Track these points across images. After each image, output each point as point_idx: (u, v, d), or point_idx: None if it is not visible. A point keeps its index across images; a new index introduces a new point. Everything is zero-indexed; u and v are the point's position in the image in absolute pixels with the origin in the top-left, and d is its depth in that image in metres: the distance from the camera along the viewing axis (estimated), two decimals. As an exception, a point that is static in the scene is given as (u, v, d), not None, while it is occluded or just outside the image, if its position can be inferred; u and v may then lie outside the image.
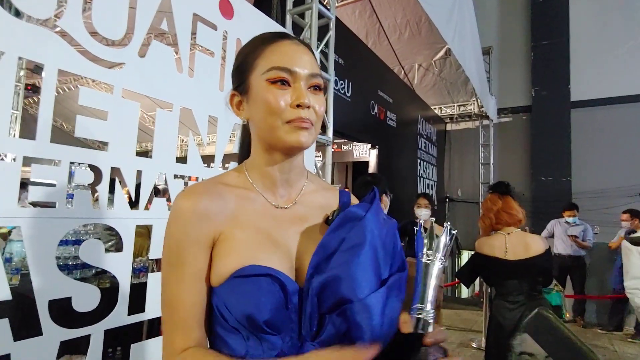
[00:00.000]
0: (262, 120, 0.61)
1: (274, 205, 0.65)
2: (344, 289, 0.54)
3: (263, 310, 0.54)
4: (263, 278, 0.55)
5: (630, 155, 5.62)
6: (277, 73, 0.59)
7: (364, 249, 0.57)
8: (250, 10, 1.90)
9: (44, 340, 1.07)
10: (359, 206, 0.63)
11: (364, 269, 0.55)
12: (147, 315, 1.36)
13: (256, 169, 0.66)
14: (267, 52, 0.61)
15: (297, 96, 0.59)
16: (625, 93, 5.80)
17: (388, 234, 0.62)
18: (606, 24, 6.03)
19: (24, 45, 1.06)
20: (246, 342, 0.55)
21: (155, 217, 1.41)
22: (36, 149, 1.07)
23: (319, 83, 0.62)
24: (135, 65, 1.35)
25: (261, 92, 0.60)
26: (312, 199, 0.69)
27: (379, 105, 4.20)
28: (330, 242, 0.58)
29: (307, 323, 0.56)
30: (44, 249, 1.09)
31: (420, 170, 5.56)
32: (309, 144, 0.60)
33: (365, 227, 0.59)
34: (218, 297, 0.57)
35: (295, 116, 0.58)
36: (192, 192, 0.61)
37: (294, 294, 0.56)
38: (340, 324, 0.54)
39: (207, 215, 0.59)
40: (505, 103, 6.86)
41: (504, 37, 6.94)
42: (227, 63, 1.75)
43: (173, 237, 0.59)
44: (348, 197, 0.74)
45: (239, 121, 1.72)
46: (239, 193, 0.64)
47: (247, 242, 0.59)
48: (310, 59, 0.62)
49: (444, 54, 6.10)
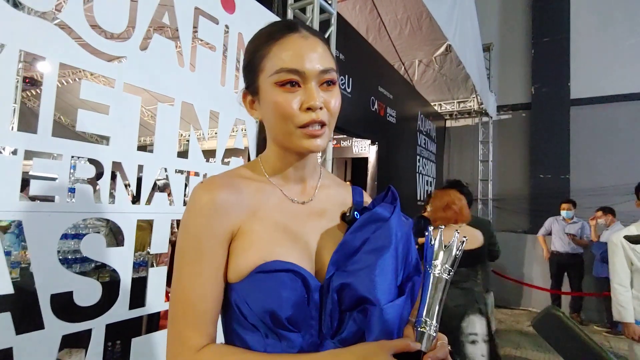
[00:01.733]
0: (275, 125, 0.59)
1: (291, 200, 0.64)
2: (365, 291, 0.53)
3: (285, 306, 0.53)
4: (285, 274, 0.54)
5: (629, 153, 5.63)
6: (285, 75, 0.56)
7: (388, 252, 0.56)
8: (252, 5, 1.89)
9: (45, 334, 1.08)
10: (383, 207, 0.62)
11: (386, 273, 0.55)
12: (149, 310, 1.36)
13: (271, 165, 0.65)
14: (274, 51, 0.58)
15: (308, 98, 0.56)
16: (625, 91, 5.80)
17: (407, 235, 0.62)
18: (607, 22, 6.02)
19: (25, 38, 1.05)
20: (265, 339, 0.54)
21: (156, 211, 1.41)
22: (38, 143, 1.06)
23: (332, 78, 0.59)
24: (136, 59, 1.34)
25: (270, 96, 0.58)
26: (327, 194, 0.68)
27: (379, 101, 4.19)
28: (353, 241, 0.58)
29: (327, 320, 0.55)
30: (46, 243, 1.09)
31: (420, 167, 5.56)
32: (323, 148, 0.59)
33: (391, 229, 0.58)
34: (237, 294, 0.56)
35: (308, 119, 0.56)
36: (210, 185, 0.59)
37: (315, 291, 0.56)
38: (362, 322, 0.54)
39: (226, 208, 0.57)
40: (505, 100, 6.85)
41: (505, 34, 6.92)
42: (229, 57, 1.74)
43: (191, 230, 0.57)
44: (361, 194, 0.74)
45: (240, 116, 1.73)
46: (256, 186, 0.63)
47: (266, 236, 0.58)
48: (321, 52, 0.59)
49: (444, 50, 6.07)
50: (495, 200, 6.89)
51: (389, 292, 0.55)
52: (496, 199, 6.88)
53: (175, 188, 1.51)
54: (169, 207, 1.48)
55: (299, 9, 2.54)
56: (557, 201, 5.09)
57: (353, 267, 0.55)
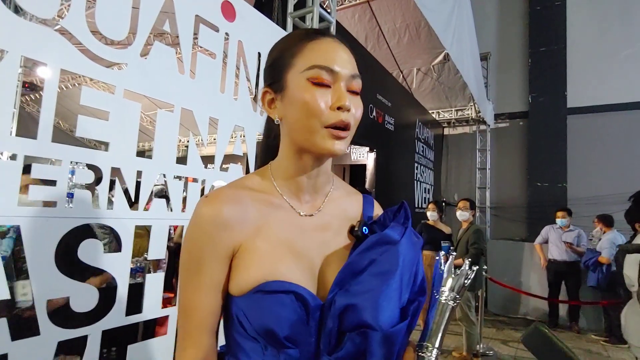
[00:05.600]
0: (299, 122, 0.57)
1: (298, 213, 0.62)
2: (368, 316, 0.53)
3: (284, 326, 0.53)
4: (286, 295, 0.54)
5: (626, 162, 5.66)
6: (318, 72, 0.56)
7: (394, 278, 0.55)
8: (252, 13, 1.90)
9: (41, 340, 1.07)
10: (393, 229, 0.60)
11: (390, 298, 0.54)
12: (145, 316, 1.36)
13: (282, 173, 0.63)
14: (307, 49, 0.58)
15: (338, 97, 0.56)
16: (621, 100, 5.85)
17: (415, 257, 0.60)
18: (603, 32, 6.09)
19: (27, 44, 1.05)
20: (264, 351, 0.55)
21: (154, 217, 1.41)
22: (37, 148, 1.07)
23: (358, 87, 0.59)
24: (137, 65, 1.35)
25: (299, 92, 0.56)
26: (337, 206, 0.67)
27: (377, 109, 4.22)
28: (360, 262, 0.57)
29: (326, 338, 0.55)
30: (43, 248, 1.09)
31: (418, 174, 5.58)
32: (343, 152, 0.58)
33: (399, 254, 0.57)
34: (238, 307, 0.56)
35: (336, 119, 0.55)
36: (214, 199, 0.58)
37: (315, 310, 0.55)
38: (360, 343, 0.53)
39: (229, 224, 0.57)
40: (502, 108, 6.90)
41: (502, 43, 6.99)
42: (229, 65, 1.76)
43: (192, 244, 0.58)
44: (372, 204, 0.72)
45: (239, 123, 1.73)
46: (262, 199, 0.61)
47: (269, 254, 0.57)
48: (350, 59, 0.60)
49: (442, 59, 6.13)
50: (493, 208, 6.91)
51: (392, 317, 0.54)
52: (494, 206, 6.90)
53: (174, 194, 1.51)
54: (167, 213, 1.48)
55: (298, 17, 2.57)
56: (554, 209, 5.11)
57: (357, 288, 0.55)
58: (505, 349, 4.05)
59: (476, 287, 3.66)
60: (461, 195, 5.79)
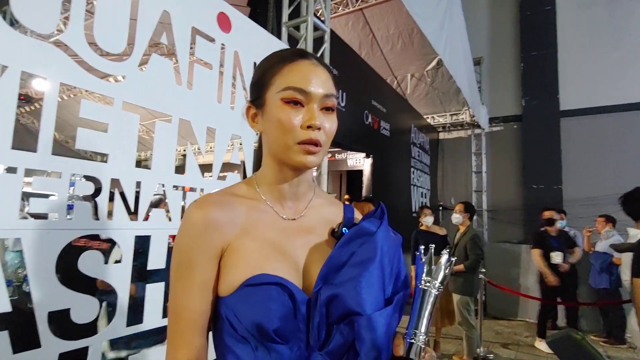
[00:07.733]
0: (275, 137, 0.63)
1: (282, 217, 0.67)
2: (352, 302, 0.56)
3: (273, 319, 0.55)
4: (273, 287, 0.56)
5: (619, 162, 5.73)
6: (292, 93, 0.61)
7: (373, 264, 0.59)
8: (248, 24, 1.93)
9: (42, 353, 1.07)
10: (370, 222, 0.65)
11: (372, 285, 0.58)
12: (146, 326, 1.36)
13: (266, 182, 0.68)
14: (285, 71, 0.62)
15: (310, 117, 0.60)
16: (612, 102, 5.93)
17: (395, 250, 0.64)
18: (593, 35, 6.19)
19: (26, 59, 1.07)
20: (255, 352, 0.56)
21: (153, 227, 1.42)
22: (38, 161, 1.08)
23: (332, 104, 0.64)
24: (135, 77, 1.36)
25: (275, 110, 0.62)
26: (318, 212, 0.71)
27: (372, 115, 4.25)
28: (340, 255, 0.60)
29: (315, 332, 0.57)
30: (44, 260, 1.09)
31: (414, 179, 5.61)
32: (316, 164, 0.63)
33: (376, 243, 0.61)
34: (227, 307, 0.58)
35: (306, 137, 0.60)
36: (203, 203, 0.62)
37: (302, 304, 0.58)
38: (348, 334, 0.56)
39: (218, 225, 0.60)
40: (496, 112, 6.97)
41: (494, 48, 7.08)
42: (225, 75, 1.78)
43: (182, 246, 0.61)
44: (352, 211, 0.76)
45: (236, 132, 1.76)
46: (248, 204, 0.65)
47: (256, 252, 0.61)
48: (326, 79, 0.64)
49: (435, 65, 6.20)
50: (489, 211, 6.94)
51: (376, 303, 0.57)
52: (490, 209, 6.94)
53: (173, 204, 1.52)
54: (167, 223, 1.49)
55: (293, 27, 2.60)
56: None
57: (339, 279, 0.58)
58: (506, 352, 4.06)
59: (475, 291, 3.67)
60: (458, 199, 5.82)
